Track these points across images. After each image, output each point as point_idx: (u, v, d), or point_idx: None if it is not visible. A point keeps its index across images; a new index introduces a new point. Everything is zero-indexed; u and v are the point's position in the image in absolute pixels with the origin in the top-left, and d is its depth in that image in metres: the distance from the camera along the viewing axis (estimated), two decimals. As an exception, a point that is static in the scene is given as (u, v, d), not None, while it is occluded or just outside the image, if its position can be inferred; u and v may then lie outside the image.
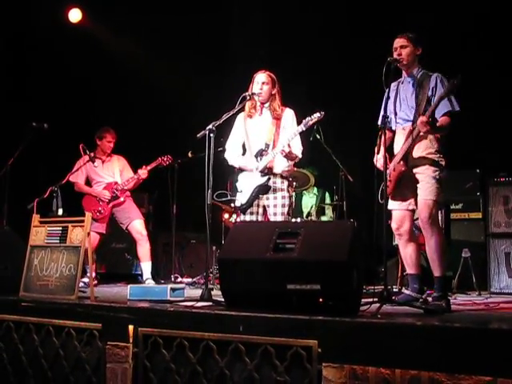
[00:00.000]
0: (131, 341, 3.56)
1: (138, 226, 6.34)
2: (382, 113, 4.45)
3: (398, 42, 4.27)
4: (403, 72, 4.34)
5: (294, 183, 6.24)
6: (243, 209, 4.77)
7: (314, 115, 4.67)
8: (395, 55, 4.23)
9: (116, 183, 6.48)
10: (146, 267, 6.32)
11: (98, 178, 6.52)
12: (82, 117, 7.92)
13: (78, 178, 6.44)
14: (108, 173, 6.55)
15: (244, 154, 4.98)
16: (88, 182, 6.58)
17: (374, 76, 4.17)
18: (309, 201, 7.53)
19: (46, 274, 4.25)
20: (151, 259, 6.39)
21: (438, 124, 4.09)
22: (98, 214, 6.31)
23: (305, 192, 7.49)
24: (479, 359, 2.74)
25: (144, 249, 6.33)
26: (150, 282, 6.10)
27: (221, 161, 4.95)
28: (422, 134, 4.10)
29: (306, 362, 3.06)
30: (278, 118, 4.84)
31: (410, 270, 4.33)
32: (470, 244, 5.99)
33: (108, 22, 8.11)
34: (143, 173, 6.42)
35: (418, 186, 4.18)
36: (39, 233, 4.42)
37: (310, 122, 4.67)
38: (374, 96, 4.53)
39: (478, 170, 6.49)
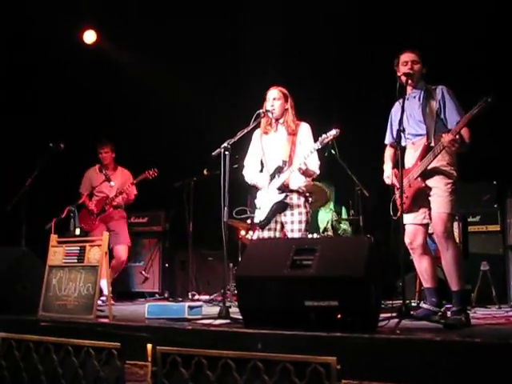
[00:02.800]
0: (150, 359, 3.55)
1: (120, 252, 6.71)
2: (388, 130, 4.49)
3: (410, 56, 4.27)
4: (408, 89, 4.33)
5: (310, 199, 6.25)
6: (262, 225, 4.78)
7: (330, 133, 4.65)
8: (406, 69, 4.22)
9: (107, 197, 6.76)
10: (105, 284, 5.85)
11: (98, 190, 6.84)
12: (97, 136, 7.99)
13: (85, 188, 6.90)
14: (107, 187, 6.80)
15: (262, 170, 5.00)
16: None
17: (385, 91, 4.18)
18: (325, 216, 7.50)
19: (65, 293, 4.28)
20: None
21: (466, 140, 4.06)
22: (86, 227, 6.53)
23: (321, 207, 7.47)
24: (501, 374, 2.70)
25: (114, 269, 6.60)
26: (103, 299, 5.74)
27: (237, 178, 4.98)
28: (447, 149, 4.04)
29: (325, 379, 3.03)
30: (293, 134, 4.84)
31: (427, 283, 4.30)
32: (488, 257, 5.93)
33: (122, 42, 8.20)
34: (127, 188, 6.73)
35: (430, 199, 4.16)
36: (57, 253, 4.45)
37: (326, 140, 4.65)
38: (388, 110, 4.55)
39: (494, 182, 6.44)
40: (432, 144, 4.15)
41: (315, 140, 4.73)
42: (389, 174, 4.43)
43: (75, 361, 3.85)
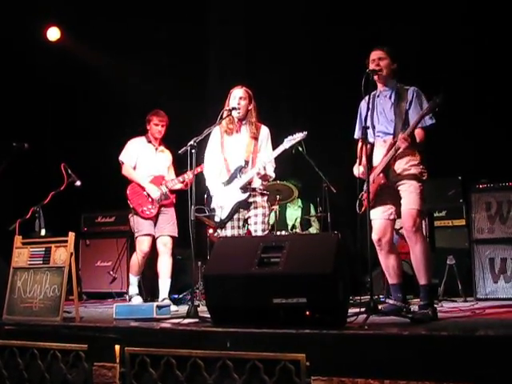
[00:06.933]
0: (118, 361, 3.52)
1: (166, 240, 5.69)
2: (357, 125, 4.50)
3: (376, 53, 4.30)
4: (378, 85, 4.36)
5: (278, 196, 6.24)
6: (223, 224, 4.76)
7: (297, 135, 4.71)
8: (373, 66, 4.25)
9: (164, 178, 5.79)
10: (164, 285, 5.68)
11: (148, 165, 5.79)
12: (62, 135, 7.88)
13: (130, 159, 5.75)
14: (160, 163, 5.84)
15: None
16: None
17: (355, 88, 4.19)
18: (293, 213, 7.52)
19: (30, 295, 4.21)
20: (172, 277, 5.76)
21: (417, 140, 4.13)
22: (147, 213, 5.65)
23: (289, 204, 7.48)
24: (467, 366, 2.74)
25: (166, 263, 5.70)
26: (167, 303, 5.09)
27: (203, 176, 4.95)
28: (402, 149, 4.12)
29: (294, 376, 3.05)
30: (255, 136, 4.84)
31: (393, 280, 4.33)
32: (454, 251, 6.00)
33: (87, 40, 8.09)
34: (189, 176, 5.41)
35: (401, 195, 4.20)
36: (22, 254, 4.38)
37: (293, 142, 4.71)
38: (356, 106, 4.56)
39: (459, 177, 6.53)
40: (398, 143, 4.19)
41: (274, 144, 4.78)
42: (358, 167, 4.44)
43: (41, 364, 3.80)
